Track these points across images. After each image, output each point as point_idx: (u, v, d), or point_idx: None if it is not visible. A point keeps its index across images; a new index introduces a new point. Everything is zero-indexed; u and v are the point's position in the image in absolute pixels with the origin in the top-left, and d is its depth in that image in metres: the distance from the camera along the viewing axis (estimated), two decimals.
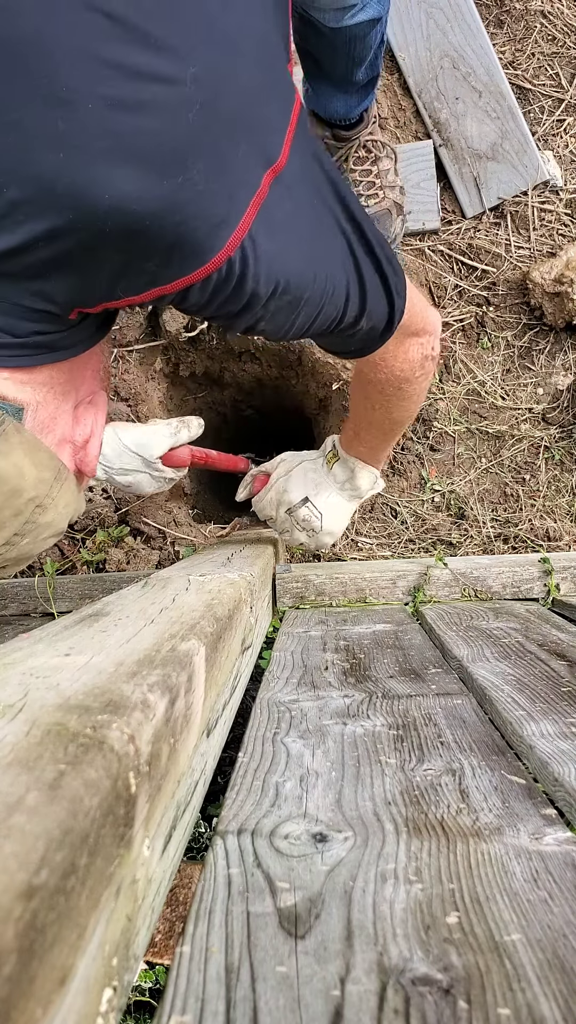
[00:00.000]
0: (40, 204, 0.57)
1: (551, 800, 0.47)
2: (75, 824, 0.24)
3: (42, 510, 0.71)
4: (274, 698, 0.69)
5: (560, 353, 1.56)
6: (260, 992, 0.29)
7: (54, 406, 0.74)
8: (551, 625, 0.98)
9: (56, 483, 0.72)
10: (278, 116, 0.66)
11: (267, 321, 0.73)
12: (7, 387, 0.68)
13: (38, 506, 0.70)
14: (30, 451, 0.69)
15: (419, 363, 0.91)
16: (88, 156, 0.55)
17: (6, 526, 0.68)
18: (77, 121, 0.54)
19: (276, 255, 0.67)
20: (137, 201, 0.57)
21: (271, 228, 0.65)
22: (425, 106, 1.52)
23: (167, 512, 1.56)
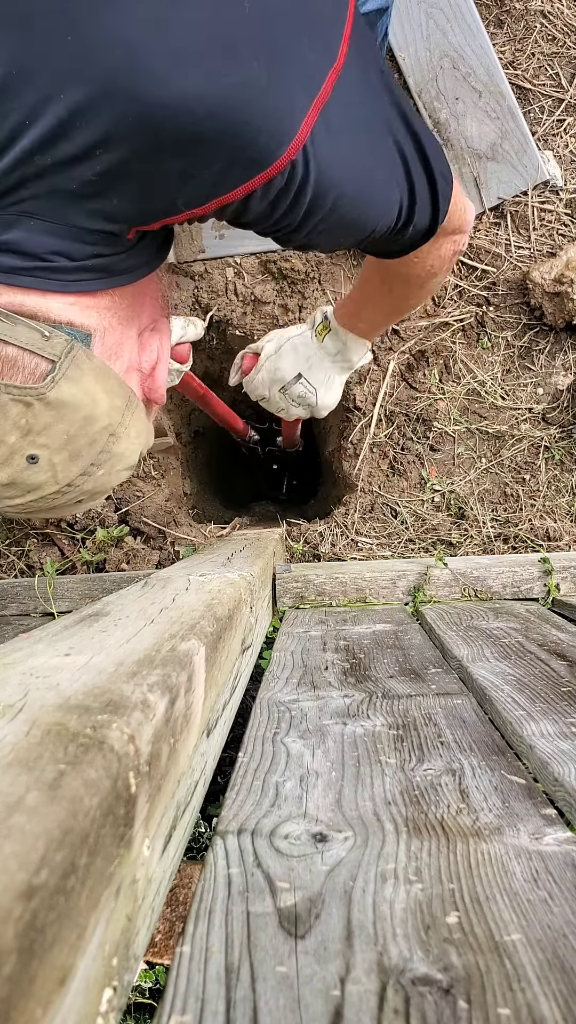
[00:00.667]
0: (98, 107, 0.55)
1: (551, 800, 0.47)
2: (75, 824, 0.24)
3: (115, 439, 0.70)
4: (274, 698, 0.69)
5: (560, 353, 1.56)
6: (260, 992, 0.29)
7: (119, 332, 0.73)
8: (551, 625, 0.98)
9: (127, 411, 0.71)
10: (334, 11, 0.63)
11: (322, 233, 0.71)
12: (73, 312, 0.67)
13: (112, 435, 0.70)
14: (101, 377, 0.68)
15: (449, 259, 0.89)
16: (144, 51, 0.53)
17: (81, 455, 0.68)
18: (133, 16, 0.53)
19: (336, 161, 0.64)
20: (197, 99, 0.54)
21: (331, 132, 0.62)
22: (425, 106, 1.52)
23: (167, 512, 1.56)
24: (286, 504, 2.21)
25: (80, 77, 0.55)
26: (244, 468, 2.25)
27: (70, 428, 0.67)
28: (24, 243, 0.62)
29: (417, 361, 1.59)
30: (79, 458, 0.68)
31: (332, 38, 0.62)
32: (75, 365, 0.66)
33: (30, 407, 0.64)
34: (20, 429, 0.65)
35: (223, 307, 1.58)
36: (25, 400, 0.64)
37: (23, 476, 0.67)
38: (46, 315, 0.66)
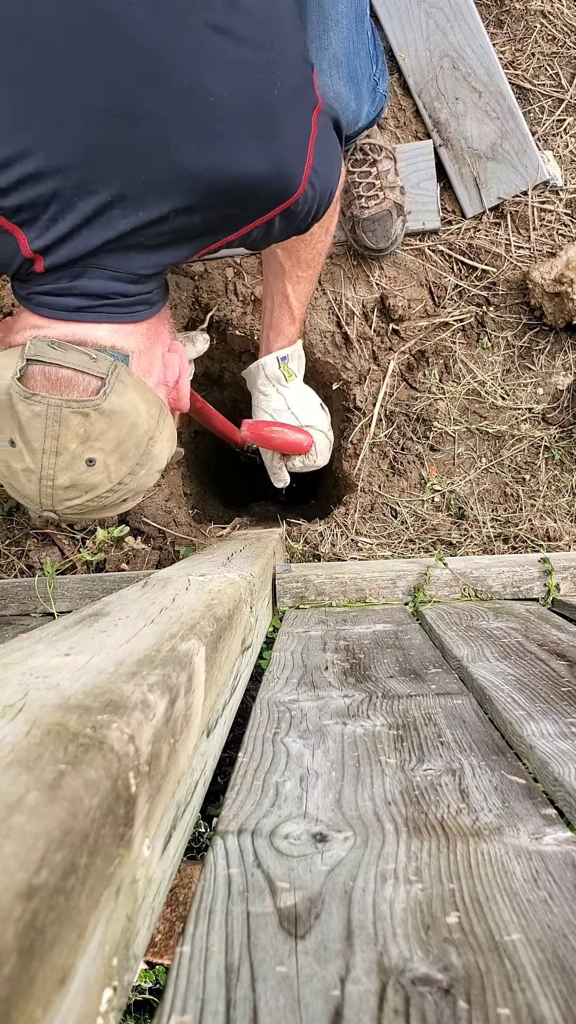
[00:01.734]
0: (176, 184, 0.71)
1: (551, 800, 0.47)
2: (75, 824, 0.24)
3: (153, 442, 0.84)
4: (274, 698, 0.69)
5: (560, 353, 1.56)
6: (260, 992, 0.29)
7: (150, 353, 0.87)
8: (551, 625, 0.98)
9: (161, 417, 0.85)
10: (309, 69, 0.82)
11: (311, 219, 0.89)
12: (115, 338, 0.81)
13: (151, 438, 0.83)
14: (140, 390, 0.82)
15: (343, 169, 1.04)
16: (215, 137, 0.70)
17: (129, 456, 0.82)
18: (204, 110, 0.69)
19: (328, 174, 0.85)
20: (253, 167, 0.73)
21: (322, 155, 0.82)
22: (425, 106, 1.52)
23: (167, 512, 1.56)
24: (286, 504, 2.21)
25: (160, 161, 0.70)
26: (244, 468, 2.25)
27: (120, 433, 0.79)
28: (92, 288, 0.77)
29: (417, 361, 1.59)
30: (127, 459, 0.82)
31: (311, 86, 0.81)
32: (120, 380, 0.79)
33: (87, 417, 0.77)
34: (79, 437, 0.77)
35: (223, 307, 1.58)
36: (83, 411, 0.77)
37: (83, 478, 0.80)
38: (94, 341, 0.80)
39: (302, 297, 1.16)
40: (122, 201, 0.71)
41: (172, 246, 0.78)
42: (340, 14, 1.00)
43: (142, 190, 0.71)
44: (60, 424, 0.76)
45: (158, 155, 0.69)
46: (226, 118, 0.70)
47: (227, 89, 0.69)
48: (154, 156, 0.69)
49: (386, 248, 1.51)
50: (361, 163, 1.44)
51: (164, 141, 0.69)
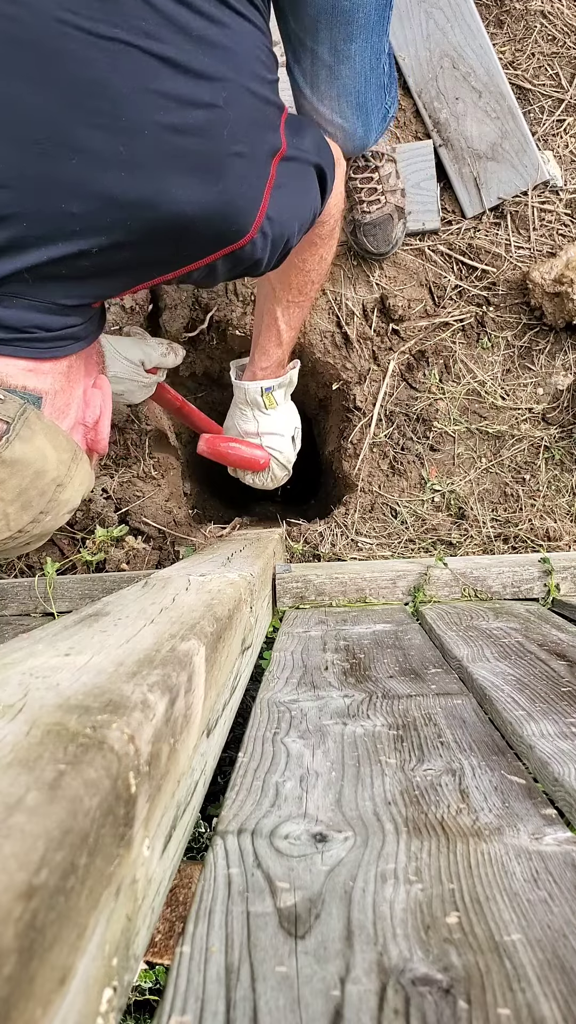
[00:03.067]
0: (101, 216, 0.67)
1: (551, 800, 0.47)
2: (75, 824, 0.24)
3: (62, 488, 0.78)
4: (274, 698, 0.69)
5: (560, 353, 1.56)
6: (260, 992, 0.29)
7: (68, 392, 0.81)
8: (551, 625, 0.98)
9: (73, 463, 0.79)
10: (275, 112, 0.77)
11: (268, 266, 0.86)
12: (28, 378, 0.75)
13: (59, 485, 0.77)
14: (50, 436, 0.76)
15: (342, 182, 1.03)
16: (148, 173, 0.66)
17: (32, 505, 0.76)
18: (137, 145, 0.65)
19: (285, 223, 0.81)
20: (190, 206, 0.68)
21: (281, 201, 0.78)
22: (425, 106, 1.52)
23: (167, 512, 1.56)
24: (286, 504, 2.21)
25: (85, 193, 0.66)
26: None
27: (22, 483, 0.73)
28: (6, 319, 0.71)
29: (417, 361, 1.59)
30: (30, 508, 0.76)
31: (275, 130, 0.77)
32: (27, 426, 0.73)
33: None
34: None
35: (223, 307, 1.58)
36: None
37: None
38: (3, 380, 0.73)
39: (292, 321, 1.13)
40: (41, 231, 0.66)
41: (96, 279, 0.73)
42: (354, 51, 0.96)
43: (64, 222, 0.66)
44: None
45: (85, 189, 0.65)
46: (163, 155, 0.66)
47: (167, 124, 0.65)
48: (80, 189, 0.65)
49: (387, 252, 1.51)
50: (363, 169, 1.44)
51: (92, 175, 0.65)
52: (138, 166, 0.65)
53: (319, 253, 1.05)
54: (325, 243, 1.05)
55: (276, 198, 0.76)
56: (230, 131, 0.69)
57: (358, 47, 0.95)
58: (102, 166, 0.65)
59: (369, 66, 1.00)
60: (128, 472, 1.58)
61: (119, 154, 0.64)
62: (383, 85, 1.09)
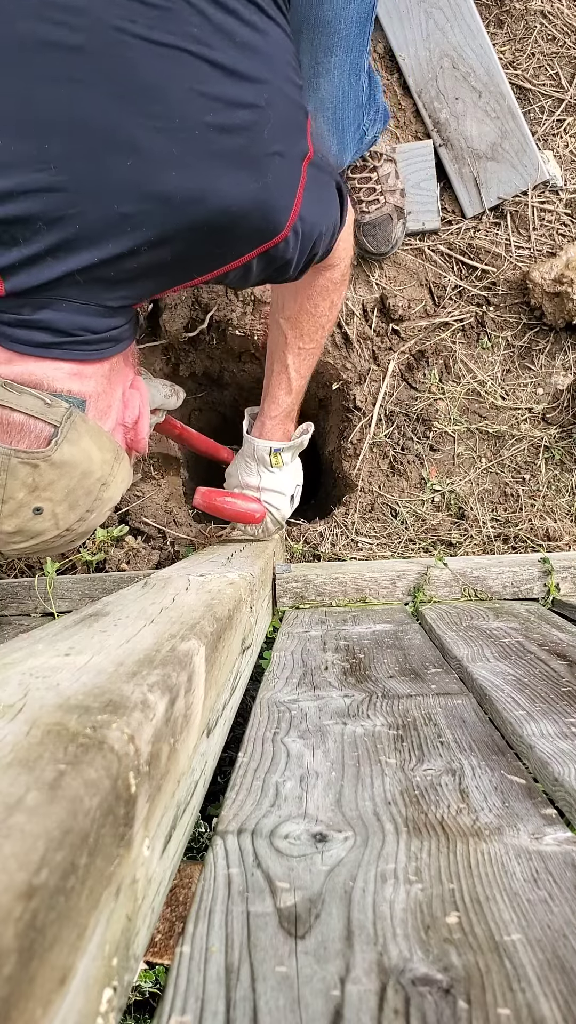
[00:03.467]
0: (151, 215, 0.70)
1: (551, 800, 0.47)
2: (75, 824, 0.24)
3: (106, 487, 0.81)
4: (274, 698, 0.69)
5: (560, 353, 1.56)
6: (260, 992, 0.29)
7: (110, 395, 0.84)
8: (551, 625, 0.98)
9: (116, 463, 0.83)
10: (303, 116, 0.81)
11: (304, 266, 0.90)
12: (73, 382, 0.78)
13: (103, 484, 0.81)
14: (95, 437, 0.79)
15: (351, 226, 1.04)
16: (197, 171, 0.69)
17: (79, 504, 0.79)
18: (189, 144, 0.68)
19: (314, 224, 0.84)
20: (234, 201, 0.71)
21: (310, 204, 0.81)
22: (425, 106, 1.52)
23: (167, 512, 1.56)
24: None
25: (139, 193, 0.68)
26: None
27: (70, 483, 0.77)
28: (55, 321, 0.74)
29: (417, 361, 1.59)
30: (77, 507, 0.79)
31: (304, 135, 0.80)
32: (73, 428, 0.76)
33: (37, 468, 0.74)
34: (27, 487, 0.75)
35: (223, 307, 1.58)
36: (33, 462, 0.74)
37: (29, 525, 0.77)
38: (50, 384, 0.76)
39: (302, 369, 1.15)
40: (94, 233, 0.69)
41: (142, 280, 0.76)
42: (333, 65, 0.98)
43: (116, 223, 0.69)
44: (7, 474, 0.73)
45: (139, 189, 0.68)
46: (212, 154, 0.69)
47: (215, 124, 0.68)
48: (135, 190, 0.68)
49: (387, 252, 1.51)
50: (361, 169, 1.44)
51: (147, 175, 0.68)
52: (189, 165, 0.68)
53: (330, 299, 1.08)
54: (337, 289, 1.07)
55: (306, 200, 0.79)
56: (270, 131, 0.72)
57: (338, 60, 0.98)
58: (156, 166, 0.67)
59: (348, 81, 1.02)
60: None
61: (172, 154, 0.67)
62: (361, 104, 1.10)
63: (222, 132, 0.69)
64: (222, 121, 0.69)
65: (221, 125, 0.69)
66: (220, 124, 0.69)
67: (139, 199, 0.68)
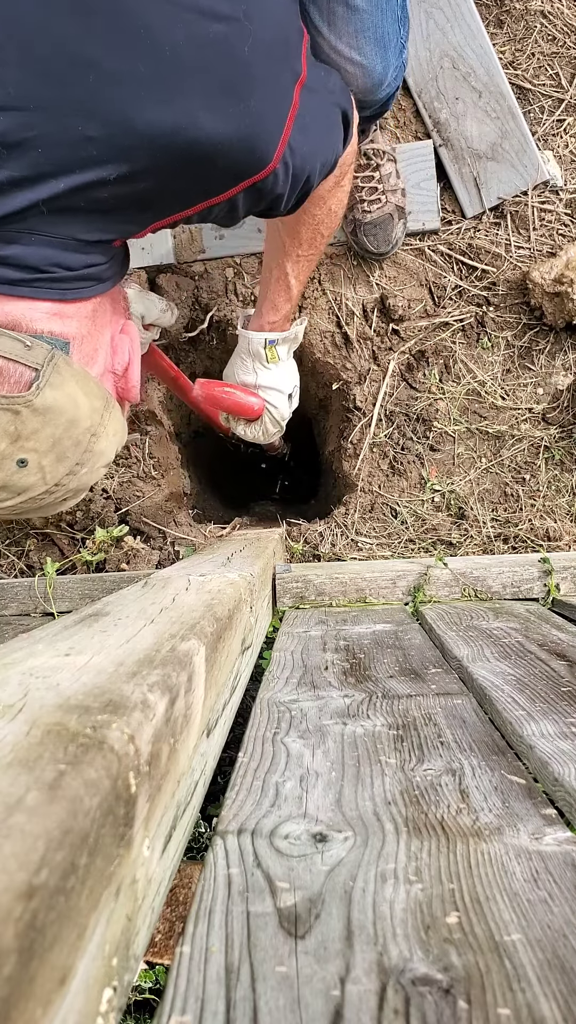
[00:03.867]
0: (118, 140, 0.63)
1: (551, 800, 0.47)
2: (75, 824, 0.24)
3: (96, 438, 0.75)
4: (274, 698, 0.69)
5: (560, 353, 1.56)
6: (260, 992, 0.29)
7: (96, 338, 0.78)
8: (551, 625, 0.98)
9: (106, 411, 0.77)
10: (296, 35, 0.75)
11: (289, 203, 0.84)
12: (54, 323, 0.72)
13: (93, 435, 0.75)
14: (81, 382, 0.73)
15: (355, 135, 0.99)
16: (167, 92, 0.62)
17: (68, 456, 0.73)
18: (157, 62, 0.61)
19: (306, 157, 0.78)
20: (211, 127, 0.64)
21: (303, 132, 0.75)
22: (425, 106, 1.52)
23: (167, 512, 1.56)
24: (286, 504, 2.21)
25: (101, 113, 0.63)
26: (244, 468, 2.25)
27: (56, 431, 0.70)
28: (25, 257, 0.68)
29: (417, 361, 1.59)
30: (65, 459, 0.73)
31: (297, 56, 0.74)
32: (56, 372, 0.70)
33: (18, 415, 0.68)
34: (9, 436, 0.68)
35: (223, 307, 1.58)
36: (13, 408, 0.68)
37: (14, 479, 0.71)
38: (29, 325, 0.70)
39: (301, 276, 1.11)
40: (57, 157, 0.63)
41: (116, 212, 0.70)
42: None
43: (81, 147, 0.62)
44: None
45: (102, 112, 0.61)
46: (183, 72, 0.62)
47: (186, 40, 0.61)
48: (97, 112, 0.61)
49: (387, 252, 1.51)
50: (364, 168, 1.44)
51: (110, 96, 0.61)
52: (157, 85, 0.62)
53: (328, 205, 1.03)
54: (333, 194, 1.02)
55: (298, 129, 0.73)
56: (251, 48, 0.65)
57: None
58: (120, 84, 0.61)
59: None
60: (128, 472, 1.58)
61: (138, 72, 0.61)
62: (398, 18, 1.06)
63: (195, 48, 0.62)
64: (194, 34, 0.62)
65: (193, 39, 0.62)
66: (192, 38, 0.62)
67: (103, 121, 0.62)
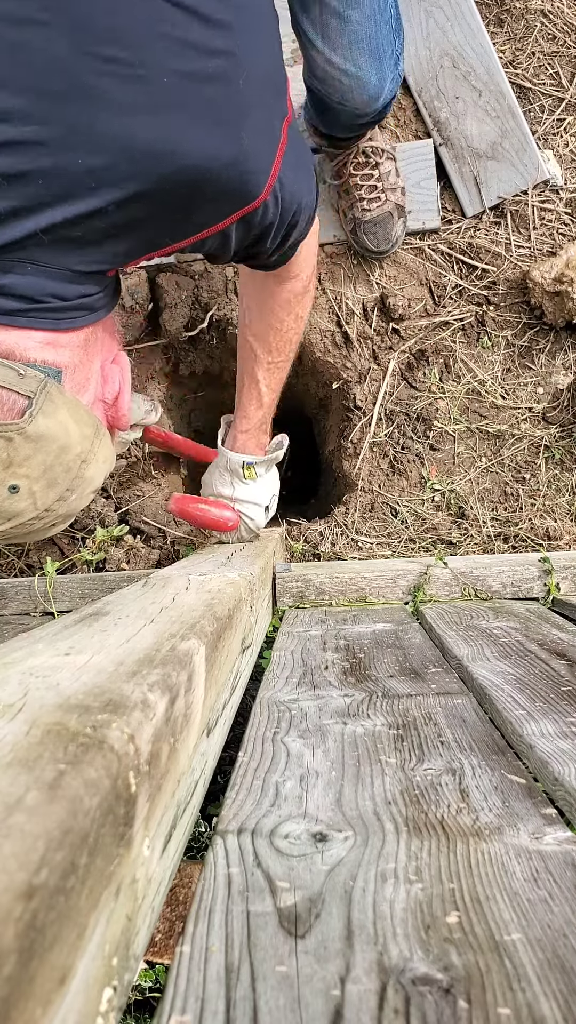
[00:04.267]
0: (118, 169, 0.65)
1: (551, 800, 0.47)
2: (75, 824, 0.24)
3: (86, 465, 0.77)
4: (274, 697, 0.69)
5: (560, 352, 1.56)
6: (260, 992, 0.29)
7: (87, 367, 0.80)
8: (551, 624, 0.98)
9: (96, 439, 0.78)
10: (282, 76, 0.77)
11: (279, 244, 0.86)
12: (47, 352, 0.73)
13: (83, 461, 0.76)
14: (72, 410, 0.74)
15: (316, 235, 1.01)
16: (166, 121, 0.64)
17: (58, 482, 0.74)
18: (156, 92, 0.63)
19: (293, 193, 0.80)
20: (210, 159, 0.67)
21: (289, 168, 0.77)
22: (425, 105, 1.52)
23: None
24: (286, 504, 2.21)
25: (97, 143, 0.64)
26: None
27: (47, 458, 0.72)
28: (21, 287, 0.69)
29: (417, 360, 1.59)
30: (56, 485, 0.74)
31: (284, 96, 0.77)
32: (49, 400, 0.71)
33: (11, 441, 0.70)
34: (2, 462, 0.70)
35: (223, 306, 1.57)
36: (6, 435, 0.69)
37: (5, 505, 0.72)
38: (23, 354, 0.72)
39: (272, 383, 1.14)
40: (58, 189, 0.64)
41: (112, 242, 0.71)
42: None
43: (82, 178, 0.64)
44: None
45: (103, 140, 0.63)
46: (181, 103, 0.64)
47: (185, 72, 0.63)
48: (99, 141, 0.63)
49: (387, 250, 1.51)
50: (363, 166, 1.44)
51: (109, 122, 0.63)
52: (157, 115, 0.64)
53: (295, 312, 1.06)
54: (300, 301, 1.06)
55: (286, 163, 0.76)
56: (246, 82, 0.68)
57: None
58: (122, 116, 0.63)
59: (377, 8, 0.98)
60: (128, 472, 1.58)
61: (138, 103, 0.63)
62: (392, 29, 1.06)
63: (192, 81, 0.64)
64: (193, 68, 0.64)
65: (192, 73, 0.64)
66: (190, 72, 0.64)
67: (105, 152, 0.64)
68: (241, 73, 0.67)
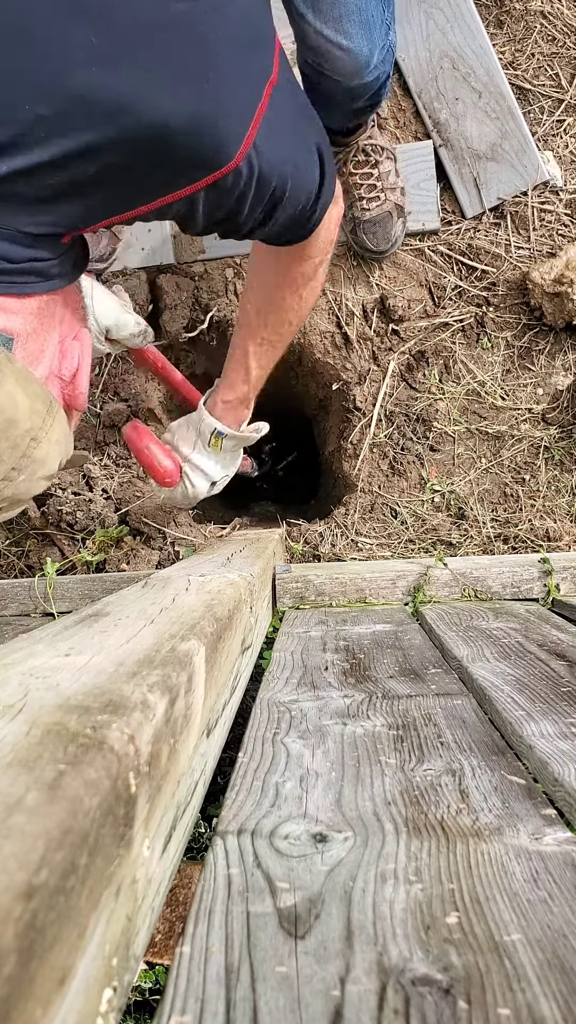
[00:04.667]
0: (73, 120, 0.59)
1: (551, 800, 0.47)
2: (75, 824, 0.24)
3: (36, 443, 0.70)
4: (274, 698, 0.69)
5: (560, 353, 1.56)
6: (260, 992, 0.29)
7: (42, 338, 0.74)
8: (551, 625, 0.98)
9: (48, 416, 0.72)
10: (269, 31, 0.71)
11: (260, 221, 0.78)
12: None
13: (32, 439, 0.70)
14: (23, 381, 0.68)
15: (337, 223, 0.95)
16: (124, 71, 0.58)
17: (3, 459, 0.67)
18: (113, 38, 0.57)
19: (275, 157, 0.72)
20: (169, 115, 0.60)
21: (271, 136, 0.70)
22: (425, 106, 1.52)
23: (167, 512, 1.56)
24: (286, 504, 2.21)
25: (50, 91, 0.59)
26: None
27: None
28: None
29: (417, 361, 1.59)
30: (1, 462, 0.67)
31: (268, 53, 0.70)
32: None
33: None
34: None
35: (223, 307, 1.58)
36: None
37: None
38: None
39: (262, 361, 1.08)
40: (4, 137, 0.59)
41: (66, 201, 0.65)
42: None
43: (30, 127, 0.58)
44: None
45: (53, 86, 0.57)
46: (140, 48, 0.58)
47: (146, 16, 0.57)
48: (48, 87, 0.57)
49: (387, 250, 1.51)
50: (363, 164, 1.44)
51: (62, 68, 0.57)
52: (113, 62, 0.57)
53: (299, 293, 1.00)
54: (307, 284, 0.99)
55: (266, 129, 0.68)
56: (213, 28, 0.61)
57: None
58: (74, 60, 0.57)
59: None
60: (128, 472, 1.58)
61: (92, 47, 0.57)
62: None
63: (154, 27, 0.58)
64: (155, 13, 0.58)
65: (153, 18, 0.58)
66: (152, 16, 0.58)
67: (55, 99, 0.58)
68: (209, 21, 0.60)
